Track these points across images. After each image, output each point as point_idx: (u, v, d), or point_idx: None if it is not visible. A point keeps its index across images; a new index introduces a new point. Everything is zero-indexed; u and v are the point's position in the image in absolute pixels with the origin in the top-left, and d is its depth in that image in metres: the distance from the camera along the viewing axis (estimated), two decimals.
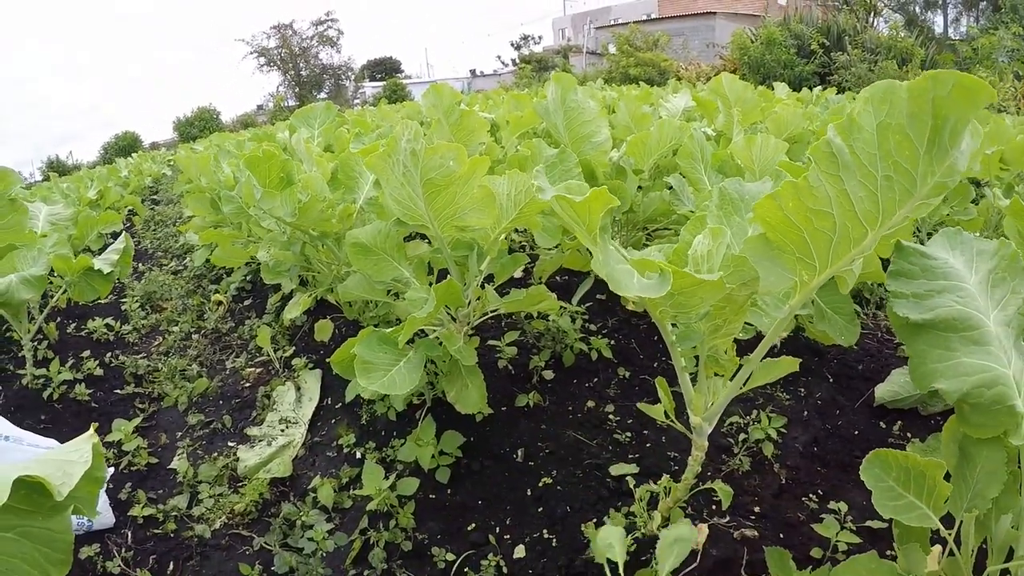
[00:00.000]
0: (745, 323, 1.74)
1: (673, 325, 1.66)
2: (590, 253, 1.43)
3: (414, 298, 2.30)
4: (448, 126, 3.64)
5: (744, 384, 1.78)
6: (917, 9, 31.61)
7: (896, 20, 28.07)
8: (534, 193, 1.28)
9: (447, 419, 2.63)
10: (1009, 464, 1.41)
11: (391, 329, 2.15)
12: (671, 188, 2.94)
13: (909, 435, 2.73)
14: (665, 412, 1.84)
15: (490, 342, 3.04)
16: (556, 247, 2.93)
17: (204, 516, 2.82)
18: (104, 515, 2.76)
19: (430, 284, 2.62)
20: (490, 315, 2.66)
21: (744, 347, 2.18)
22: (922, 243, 1.62)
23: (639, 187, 3.23)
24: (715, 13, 38.95)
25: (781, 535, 2.18)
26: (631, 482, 2.28)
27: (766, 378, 1.82)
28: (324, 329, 3.64)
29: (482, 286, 2.54)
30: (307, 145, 3.75)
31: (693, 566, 2.01)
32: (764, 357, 1.75)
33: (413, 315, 2.01)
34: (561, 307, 2.97)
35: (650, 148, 3.10)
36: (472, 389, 2.38)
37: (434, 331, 2.44)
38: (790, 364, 1.83)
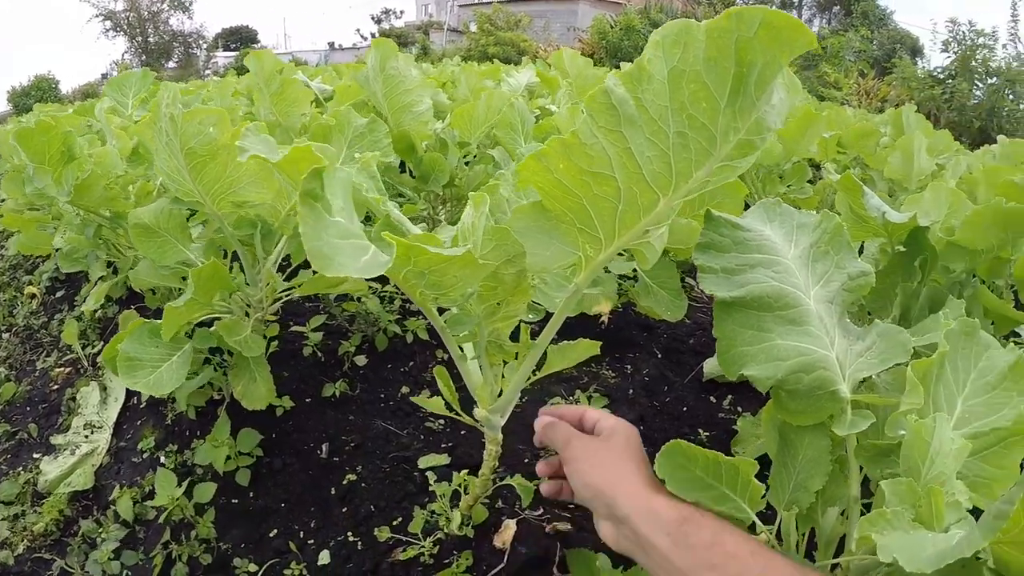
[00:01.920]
0: (535, 303, 1.60)
1: (447, 309, 1.49)
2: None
3: None
4: (268, 96, 3.37)
5: (538, 371, 1.64)
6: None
7: None
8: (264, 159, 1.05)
9: (247, 415, 2.38)
10: (835, 451, 1.28)
11: (160, 321, 1.90)
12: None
13: (739, 409, 2.70)
14: (448, 404, 1.67)
15: (295, 328, 2.78)
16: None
17: (7, 541, 2.47)
18: None
19: (230, 268, 2.36)
20: (298, 299, 2.43)
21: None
22: None
23: (466, 162, 3.06)
24: None
25: None
26: (432, 477, 2.12)
27: (563, 363, 1.68)
28: (129, 320, 3.30)
29: (282, 269, 2.31)
30: (108, 116, 3.39)
31: (501, 567, 1.87)
32: (561, 341, 1.62)
33: (170, 305, 1.77)
34: (371, 288, 2.77)
35: (477, 120, 2.94)
36: (260, 383, 2.15)
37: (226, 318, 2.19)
38: (589, 347, 1.70)
